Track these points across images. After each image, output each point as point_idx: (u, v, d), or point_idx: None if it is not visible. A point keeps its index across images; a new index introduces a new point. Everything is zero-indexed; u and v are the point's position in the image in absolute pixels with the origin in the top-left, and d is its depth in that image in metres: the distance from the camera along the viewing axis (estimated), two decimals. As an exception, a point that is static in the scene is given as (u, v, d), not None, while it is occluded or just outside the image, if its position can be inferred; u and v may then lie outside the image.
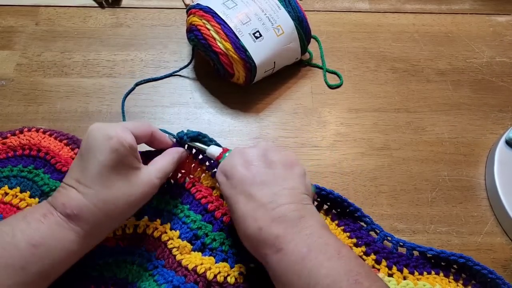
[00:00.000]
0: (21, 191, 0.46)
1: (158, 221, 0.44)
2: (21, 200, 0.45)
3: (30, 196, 0.46)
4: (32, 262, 0.34)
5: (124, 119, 0.58)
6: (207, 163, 0.47)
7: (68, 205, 0.35)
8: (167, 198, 0.46)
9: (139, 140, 0.41)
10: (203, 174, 0.47)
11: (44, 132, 0.51)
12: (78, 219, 0.36)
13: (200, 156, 0.47)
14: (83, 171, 0.37)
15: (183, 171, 0.47)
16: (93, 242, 0.39)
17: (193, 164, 0.47)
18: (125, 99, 0.59)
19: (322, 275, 0.33)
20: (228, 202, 0.40)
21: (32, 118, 0.57)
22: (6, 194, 0.45)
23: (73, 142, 0.50)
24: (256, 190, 0.38)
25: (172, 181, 0.47)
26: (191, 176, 0.47)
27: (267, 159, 0.40)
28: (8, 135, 0.51)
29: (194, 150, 0.47)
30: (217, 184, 0.46)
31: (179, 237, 0.44)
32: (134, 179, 0.38)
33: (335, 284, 0.33)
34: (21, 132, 0.51)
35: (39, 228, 0.35)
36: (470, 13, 0.73)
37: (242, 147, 0.43)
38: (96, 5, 0.69)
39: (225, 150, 0.45)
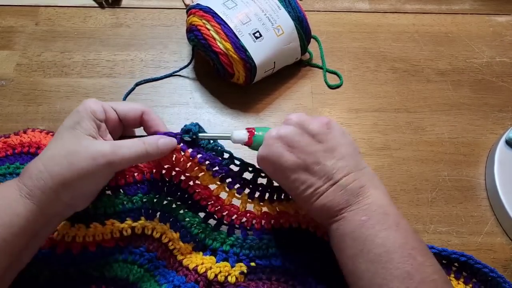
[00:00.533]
0: None
1: (156, 221, 0.43)
2: None
3: None
4: None
5: None
6: (207, 162, 0.43)
7: (25, 168, 0.35)
8: (163, 197, 0.44)
9: (126, 119, 0.40)
10: (202, 173, 0.43)
11: (47, 133, 0.51)
12: (23, 175, 0.34)
13: (199, 155, 0.42)
14: None
15: (177, 169, 0.43)
16: (45, 213, 0.35)
17: (189, 163, 0.42)
18: (125, 99, 0.59)
19: (376, 243, 0.35)
20: (285, 187, 0.41)
21: (32, 118, 0.57)
22: None
23: None
24: (310, 173, 0.38)
25: (167, 179, 0.44)
26: (187, 174, 0.44)
27: (308, 134, 0.39)
28: (11, 135, 0.51)
29: (190, 150, 0.41)
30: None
31: (180, 238, 0.44)
32: (83, 142, 0.36)
33: (387, 254, 0.34)
34: (25, 132, 0.51)
35: None
36: (470, 13, 0.74)
37: (274, 129, 0.40)
38: (96, 5, 0.69)
39: (251, 132, 0.41)
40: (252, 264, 0.43)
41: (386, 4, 0.74)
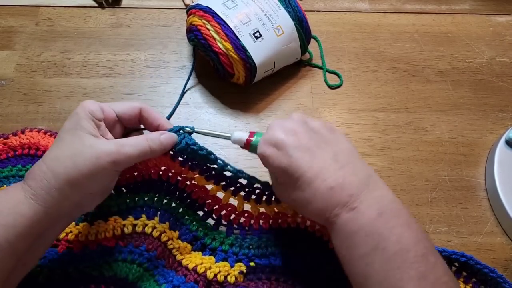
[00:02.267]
0: None
1: (156, 219, 0.44)
2: None
3: None
4: None
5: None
6: (198, 170, 0.43)
7: (29, 171, 0.35)
8: (162, 196, 0.44)
9: (125, 117, 0.40)
10: (196, 175, 0.44)
11: (45, 133, 0.51)
12: (28, 177, 0.35)
13: (189, 163, 0.42)
14: None
15: (173, 170, 0.44)
16: (50, 213, 0.35)
17: (183, 168, 0.43)
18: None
19: (392, 240, 0.33)
20: (287, 172, 0.36)
21: (32, 118, 0.57)
22: None
23: None
24: (315, 153, 0.36)
25: (164, 179, 0.44)
26: (183, 175, 0.44)
27: (309, 127, 0.39)
28: (10, 135, 0.51)
29: (181, 158, 0.42)
30: (262, 160, 0.39)
31: (179, 237, 0.44)
32: (87, 142, 0.35)
33: (402, 252, 0.32)
34: (23, 132, 0.51)
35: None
36: (470, 13, 0.74)
37: (277, 121, 0.40)
38: (96, 5, 0.69)
39: (253, 133, 0.41)
40: (252, 263, 0.43)
41: (386, 4, 0.74)
